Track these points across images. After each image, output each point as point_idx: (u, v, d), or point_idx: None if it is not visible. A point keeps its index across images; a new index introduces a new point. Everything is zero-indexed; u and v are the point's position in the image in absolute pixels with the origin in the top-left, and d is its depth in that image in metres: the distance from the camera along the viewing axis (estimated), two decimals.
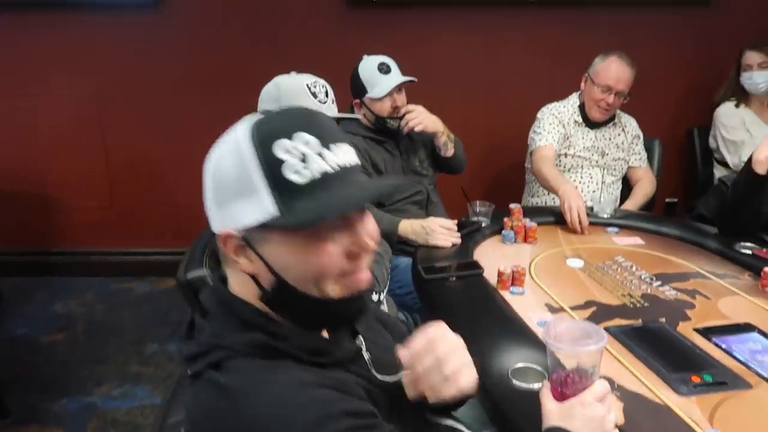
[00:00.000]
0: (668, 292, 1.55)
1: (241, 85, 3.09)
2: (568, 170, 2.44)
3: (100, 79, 3.13)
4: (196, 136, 3.27)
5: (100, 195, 3.33)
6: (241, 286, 0.80)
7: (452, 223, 1.84)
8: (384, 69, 2.05)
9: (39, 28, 3.05)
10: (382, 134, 2.14)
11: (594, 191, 2.44)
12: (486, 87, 3.12)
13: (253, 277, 0.77)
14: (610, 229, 2.00)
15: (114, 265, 3.40)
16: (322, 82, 1.54)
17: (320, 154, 0.72)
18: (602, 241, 1.93)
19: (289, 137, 0.71)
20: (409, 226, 1.88)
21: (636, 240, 1.92)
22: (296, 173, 0.71)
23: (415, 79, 2.09)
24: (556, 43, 3.03)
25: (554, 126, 2.41)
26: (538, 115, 2.49)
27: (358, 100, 2.12)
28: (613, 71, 2.32)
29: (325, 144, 0.73)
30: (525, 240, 1.90)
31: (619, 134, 2.48)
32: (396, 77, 2.07)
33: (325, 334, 0.85)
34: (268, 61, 3.08)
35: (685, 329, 1.37)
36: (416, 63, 2.89)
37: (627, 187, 2.56)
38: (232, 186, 0.73)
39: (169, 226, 3.39)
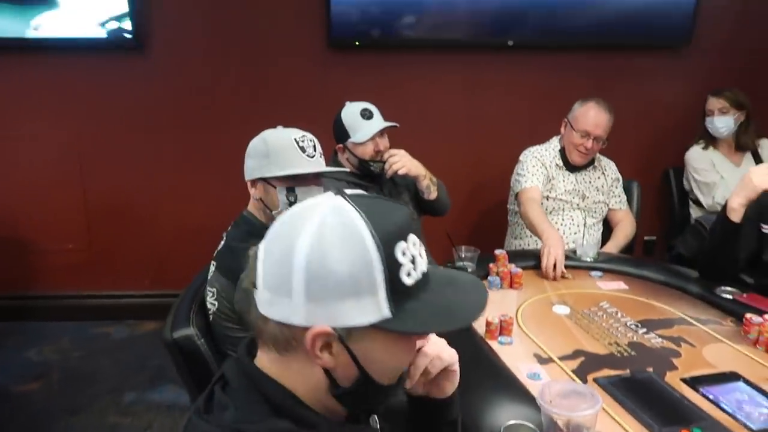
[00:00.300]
0: (654, 340, 1.56)
1: (222, 129, 3.11)
2: (550, 212, 2.47)
3: (80, 121, 3.11)
4: (177, 179, 3.31)
5: (77, 237, 3.28)
6: (292, 373, 0.75)
7: None
8: (366, 115, 2.09)
9: (18, 68, 3.04)
10: (366, 179, 2.15)
11: (575, 233, 2.47)
12: (467, 129, 3.17)
13: (326, 371, 0.74)
14: (593, 273, 2.02)
15: (91, 308, 3.33)
16: (309, 136, 1.54)
17: (420, 254, 0.74)
18: (587, 285, 1.94)
19: (405, 239, 0.72)
20: None
21: (620, 284, 1.94)
22: (408, 275, 0.71)
23: (397, 125, 2.12)
24: (535, 86, 3.11)
25: (537, 168, 2.45)
26: (521, 158, 2.53)
27: (341, 145, 2.15)
28: (591, 117, 2.38)
29: (421, 242, 0.75)
30: (511, 286, 1.91)
31: (599, 177, 2.53)
32: (378, 122, 2.10)
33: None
34: (251, 104, 3.12)
35: (672, 379, 1.37)
36: (398, 105, 2.95)
37: (607, 228, 2.60)
38: (345, 283, 0.68)
39: (148, 269, 3.34)
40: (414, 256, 0.72)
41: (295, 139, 1.49)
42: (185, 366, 1.39)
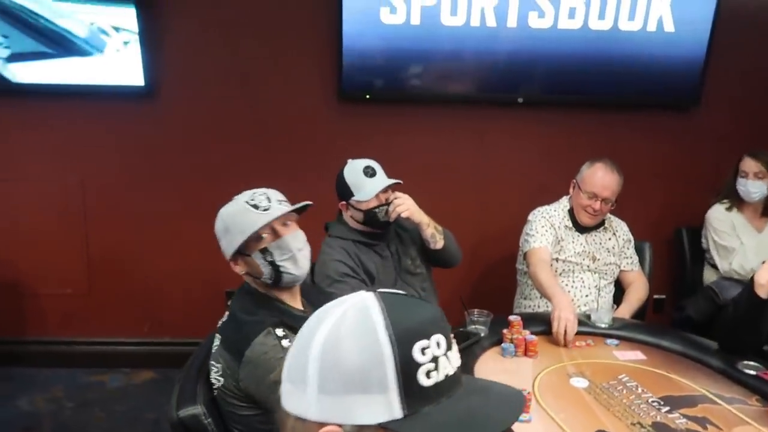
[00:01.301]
0: (678, 421, 1.49)
1: (228, 179, 3.07)
2: (560, 274, 2.43)
3: (87, 165, 3.08)
4: (180, 227, 3.26)
5: (77, 282, 3.21)
6: None
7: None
8: (369, 172, 2.05)
9: (25, 112, 3.02)
10: (372, 237, 2.11)
11: (587, 296, 2.42)
12: (475, 184, 3.15)
13: None
14: (609, 341, 1.97)
15: (86, 355, 3.24)
16: (261, 191, 1.48)
17: (446, 356, 0.68)
18: (604, 355, 1.88)
19: (427, 337, 0.67)
20: None
21: (637, 354, 1.88)
22: (427, 376, 0.66)
23: (401, 182, 2.09)
24: (544, 143, 3.10)
25: (546, 229, 2.42)
26: (530, 218, 2.50)
27: (344, 203, 2.10)
28: (598, 179, 2.35)
29: (449, 345, 0.69)
30: (525, 353, 1.85)
31: (609, 238, 2.49)
32: (381, 180, 2.05)
33: None
34: (258, 154, 3.10)
35: None
36: (406, 157, 2.94)
37: (619, 289, 2.54)
38: (355, 378, 0.65)
39: (146, 316, 3.27)
40: (437, 357, 0.67)
41: (246, 201, 1.44)
42: None
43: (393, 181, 2.06)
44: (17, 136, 3.05)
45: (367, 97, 3.01)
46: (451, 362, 0.69)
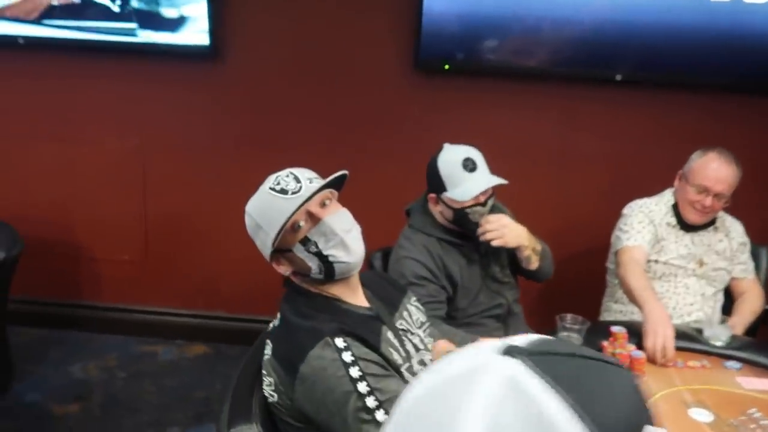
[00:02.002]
0: None
1: (298, 148, 2.88)
2: (659, 278, 2.12)
3: (146, 129, 2.95)
4: (241, 198, 3.07)
5: (134, 248, 3.12)
6: None
7: None
8: (469, 166, 1.72)
9: (86, 71, 2.90)
10: (460, 236, 1.82)
11: (692, 304, 2.11)
12: (561, 168, 2.84)
13: None
14: (729, 364, 1.67)
15: (140, 324, 3.15)
16: (285, 172, 1.24)
17: None
18: (725, 381, 1.59)
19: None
20: None
21: (766, 384, 1.58)
22: None
23: (506, 182, 1.75)
24: (644, 128, 2.75)
25: (644, 225, 2.11)
26: (625, 211, 2.20)
27: (434, 195, 1.80)
28: (711, 171, 2.01)
29: None
30: None
31: (720, 240, 2.16)
32: (484, 179, 1.73)
33: None
34: (328, 123, 2.89)
35: None
36: (484, 134, 2.65)
37: (728, 299, 2.22)
38: None
39: (202, 288, 3.15)
40: None
41: (270, 189, 1.21)
42: None
43: (497, 181, 1.73)
44: (76, 96, 2.94)
45: (446, 67, 2.73)
46: None
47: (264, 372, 1.21)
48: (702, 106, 2.70)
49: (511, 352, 0.44)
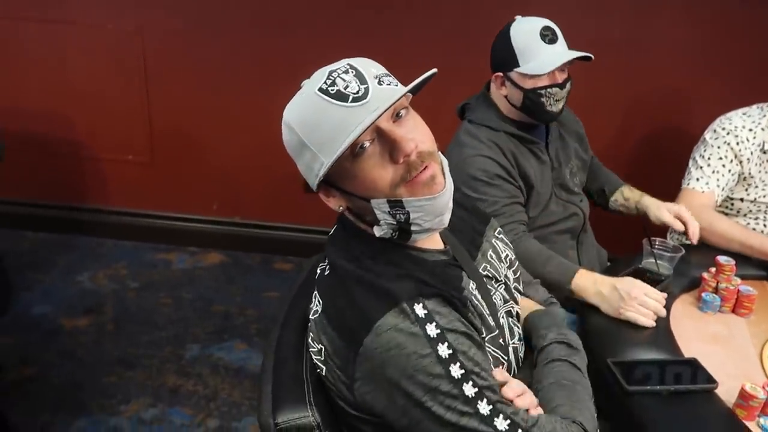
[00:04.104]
0: None
1: (318, 34, 2.48)
2: (742, 215, 1.78)
3: (146, 8, 2.55)
4: (257, 90, 2.73)
5: (138, 148, 2.81)
6: None
7: (663, 296, 1.27)
8: (549, 36, 1.43)
9: None
10: (531, 131, 1.53)
11: None
12: (627, 63, 2.43)
13: None
14: None
15: (151, 229, 2.93)
16: (342, 65, 0.83)
17: None
18: None
19: None
20: (591, 283, 1.31)
21: None
22: None
23: (592, 56, 1.45)
24: (735, 15, 2.30)
25: (726, 163, 1.70)
26: (707, 137, 1.75)
27: (500, 74, 1.50)
28: None
29: None
30: (733, 310, 1.33)
31: None
32: (564, 50, 1.45)
33: None
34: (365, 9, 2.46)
35: None
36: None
37: None
38: None
39: (216, 192, 2.88)
40: None
41: (319, 91, 0.81)
42: None
43: (581, 53, 1.43)
44: None
45: None
46: None
47: (311, 334, 0.90)
48: None
49: None
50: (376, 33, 2.45)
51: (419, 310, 0.79)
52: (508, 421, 0.78)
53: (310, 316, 0.91)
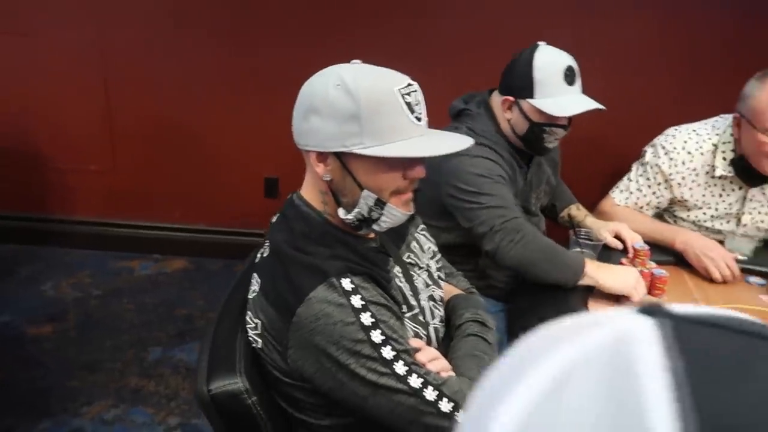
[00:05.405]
0: None
1: (286, 38, 2.58)
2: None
3: (106, 18, 2.62)
4: (220, 96, 2.80)
5: (100, 157, 2.87)
6: None
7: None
8: (570, 78, 1.45)
9: None
10: (523, 157, 1.59)
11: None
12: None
13: None
14: (752, 279, 1.55)
15: (114, 238, 2.97)
16: (415, 84, 0.95)
17: None
18: (747, 298, 1.47)
19: None
20: (609, 274, 1.39)
21: None
22: None
23: (604, 108, 1.47)
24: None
25: (653, 187, 1.73)
26: (648, 152, 1.75)
27: (511, 99, 1.51)
28: None
29: None
30: (649, 292, 1.45)
31: None
32: (583, 98, 1.48)
33: None
34: (331, 10, 2.55)
35: None
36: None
37: None
38: None
39: (179, 199, 2.94)
40: None
41: (399, 90, 0.90)
42: None
43: (596, 105, 1.46)
44: None
45: None
46: None
47: (249, 312, 1.01)
48: None
49: (652, 311, 0.30)
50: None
51: (346, 284, 0.90)
52: (422, 380, 0.89)
53: (249, 296, 1.02)
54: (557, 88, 1.44)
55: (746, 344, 0.29)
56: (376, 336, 0.87)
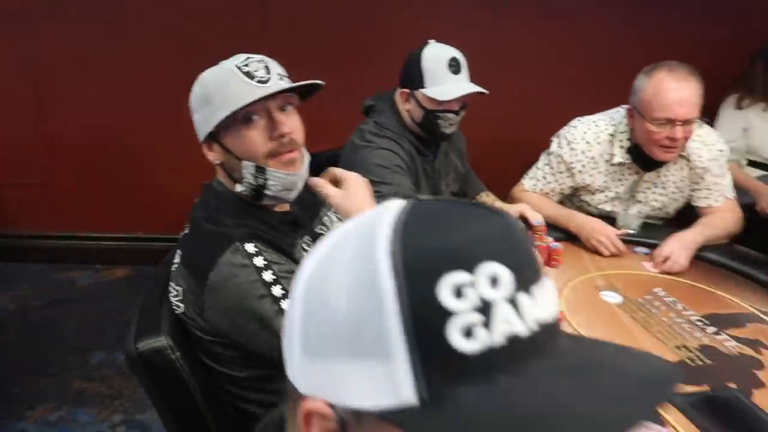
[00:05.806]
0: (728, 344, 1.31)
1: (221, 44, 2.64)
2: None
3: (35, 31, 2.66)
4: (156, 104, 2.87)
5: (34, 170, 2.89)
6: None
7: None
8: (454, 67, 1.66)
9: None
10: (426, 144, 1.78)
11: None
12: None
13: None
14: (638, 249, 1.75)
15: (53, 250, 2.99)
16: (258, 57, 1.09)
17: (513, 302, 0.40)
18: (634, 265, 1.67)
19: (469, 268, 0.39)
20: None
21: None
22: (467, 335, 0.38)
23: (487, 92, 1.68)
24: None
25: (556, 175, 1.90)
26: (553, 142, 1.91)
27: (407, 90, 1.72)
28: (670, 96, 1.60)
29: (523, 284, 0.40)
30: (547, 264, 1.63)
31: (680, 169, 1.84)
32: (465, 84, 1.68)
33: None
34: (261, 18, 2.66)
35: (762, 400, 1.13)
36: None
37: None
38: (342, 332, 0.41)
39: (118, 208, 2.98)
40: (488, 303, 0.38)
41: (237, 67, 1.05)
42: (156, 389, 1.07)
43: (477, 88, 1.67)
44: None
45: None
46: (523, 315, 0.40)
47: (172, 282, 1.13)
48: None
49: (407, 199, 0.45)
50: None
51: (250, 248, 1.03)
52: None
53: (172, 269, 1.14)
54: (444, 77, 1.65)
55: (451, 206, 0.44)
56: (277, 290, 1.00)
